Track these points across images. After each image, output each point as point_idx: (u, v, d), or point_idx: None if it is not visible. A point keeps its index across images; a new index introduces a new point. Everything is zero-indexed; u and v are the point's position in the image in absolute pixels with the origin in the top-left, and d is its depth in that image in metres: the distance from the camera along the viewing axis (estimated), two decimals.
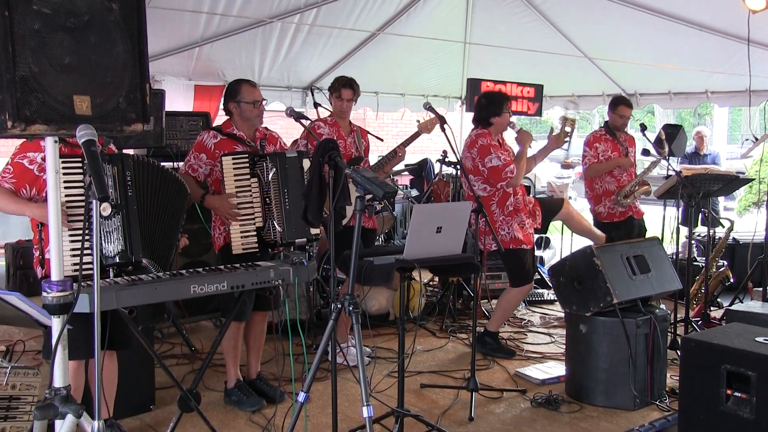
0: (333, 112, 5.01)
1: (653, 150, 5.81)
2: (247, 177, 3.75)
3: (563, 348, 4.57)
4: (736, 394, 3.10)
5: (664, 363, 4.18)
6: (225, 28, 6.19)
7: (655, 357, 4.05)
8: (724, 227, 6.33)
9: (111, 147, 3.27)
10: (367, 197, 2.80)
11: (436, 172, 7.73)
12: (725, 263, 6.22)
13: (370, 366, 4.54)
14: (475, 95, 6.67)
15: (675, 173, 5.16)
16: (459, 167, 5.46)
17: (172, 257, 3.20)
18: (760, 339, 3.20)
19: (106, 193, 2.08)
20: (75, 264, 2.83)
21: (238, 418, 3.87)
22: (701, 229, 6.65)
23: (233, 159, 3.74)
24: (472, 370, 4.00)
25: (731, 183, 5.65)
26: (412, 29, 7.09)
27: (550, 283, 6.12)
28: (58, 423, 2.26)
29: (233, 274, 2.92)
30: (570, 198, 8.72)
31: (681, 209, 5.64)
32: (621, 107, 5.86)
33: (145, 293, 2.68)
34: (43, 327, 2.58)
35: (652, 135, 5.86)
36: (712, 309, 5.80)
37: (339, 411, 3.16)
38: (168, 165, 4.00)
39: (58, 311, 2.24)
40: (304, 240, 3.72)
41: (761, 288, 5.74)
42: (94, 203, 2.12)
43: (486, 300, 6.13)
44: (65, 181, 2.83)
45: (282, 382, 4.13)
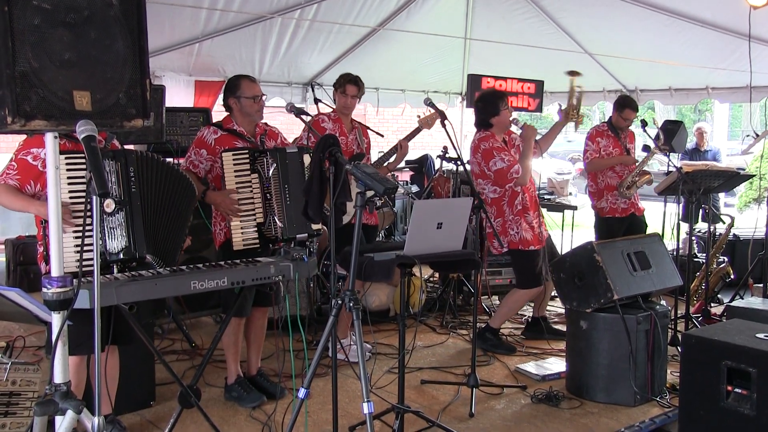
0: (336, 108, 5.00)
1: (654, 146, 5.80)
2: (248, 173, 3.74)
3: (563, 344, 4.57)
4: (736, 390, 3.10)
5: (664, 359, 4.18)
6: (225, 23, 6.18)
7: (656, 353, 4.05)
8: (724, 223, 6.33)
9: (114, 143, 3.24)
10: (368, 193, 2.80)
11: (436, 168, 7.72)
12: (726, 259, 6.22)
13: (370, 362, 4.54)
14: (476, 91, 6.68)
15: (676, 169, 5.16)
16: (459, 163, 5.45)
17: (178, 254, 3.17)
18: (760, 335, 3.19)
19: (106, 189, 2.08)
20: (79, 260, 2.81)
21: (238, 414, 3.87)
22: (702, 226, 6.63)
23: (233, 155, 3.73)
24: (472, 366, 4.00)
25: (732, 179, 5.65)
26: (412, 25, 7.08)
27: None
28: (58, 419, 2.25)
29: (233, 270, 2.92)
30: (570, 194, 8.70)
31: (681, 205, 5.63)
32: (627, 110, 5.82)
33: (145, 289, 2.68)
34: (44, 323, 2.57)
35: (652, 131, 5.86)
36: (712, 305, 5.80)
37: (339, 407, 3.15)
38: (168, 161, 3.98)
39: (58, 307, 2.23)
40: (305, 235, 3.69)
41: (762, 284, 5.74)
42: (93, 199, 2.11)
43: (486, 296, 6.13)
44: (69, 177, 2.81)
45: (282, 378, 4.12)
